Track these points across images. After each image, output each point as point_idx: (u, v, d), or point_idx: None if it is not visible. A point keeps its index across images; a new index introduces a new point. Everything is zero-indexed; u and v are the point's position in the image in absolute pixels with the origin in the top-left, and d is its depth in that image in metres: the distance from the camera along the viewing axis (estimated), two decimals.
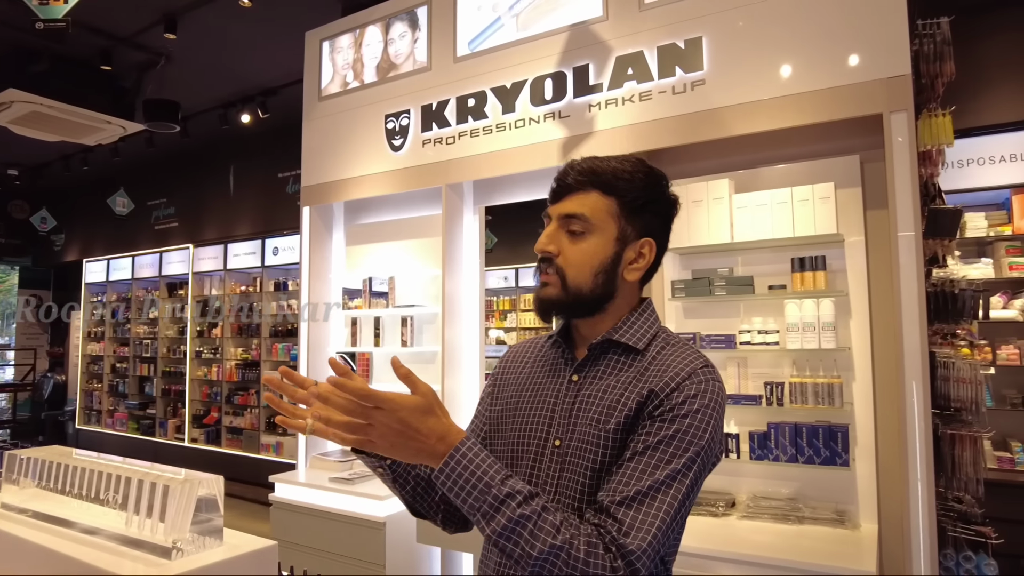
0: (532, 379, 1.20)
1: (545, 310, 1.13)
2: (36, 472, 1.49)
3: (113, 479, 1.28)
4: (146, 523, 1.19)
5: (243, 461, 7.22)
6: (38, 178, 9.09)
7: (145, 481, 1.21)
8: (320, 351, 4.10)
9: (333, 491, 3.40)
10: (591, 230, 1.10)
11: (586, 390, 1.12)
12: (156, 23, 4.96)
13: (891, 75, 2.42)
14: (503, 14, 3.32)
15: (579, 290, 1.10)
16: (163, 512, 1.17)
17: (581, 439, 1.07)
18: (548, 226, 1.14)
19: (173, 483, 1.18)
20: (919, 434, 2.32)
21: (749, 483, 2.75)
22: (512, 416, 1.18)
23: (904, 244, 2.37)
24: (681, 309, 2.97)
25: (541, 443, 1.12)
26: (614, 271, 1.11)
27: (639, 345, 1.12)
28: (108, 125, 5.76)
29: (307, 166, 4.14)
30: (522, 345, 1.31)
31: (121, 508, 1.24)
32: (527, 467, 1.12)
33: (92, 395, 9.61)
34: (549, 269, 1.11)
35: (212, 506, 1.24)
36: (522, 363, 1.26)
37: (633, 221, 1.12)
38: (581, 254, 1.10)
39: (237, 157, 7.69)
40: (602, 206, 1.10)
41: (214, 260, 8.01)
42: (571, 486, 1.06)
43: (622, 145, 2.93)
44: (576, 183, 1.11)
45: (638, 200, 1.11)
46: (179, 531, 1.16)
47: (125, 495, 1.24)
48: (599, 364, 1.14)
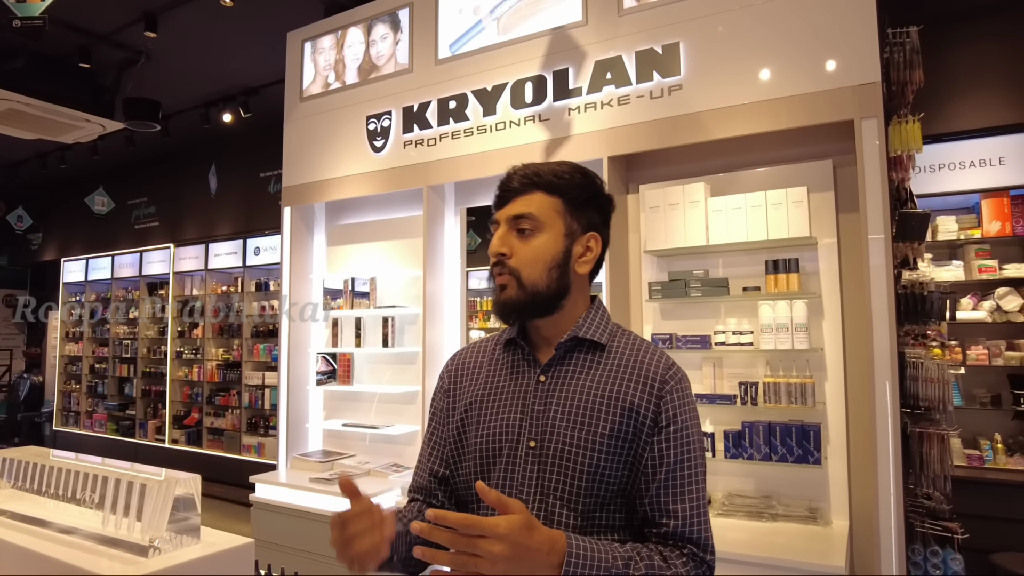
0: (492, 383, 1.21)
1: (506, 313, 1.16)
2: (12, 473, 1.49)
3: (90, 479, 1.29)
4: (123, 522, 1.20)
5: (224, 462, 7.17)
6: (14, 176, 8.95)
7: (122, 481, 1.22)
8: (301, 351, 4.10)
9: (313, 491, 3.40)
10: (540, 228, 1.15)
11: (559, 391, 1.14)
12: (136, 21, 4.92)
13: (862, 82, 2.48)
14: (484, 17, 3.35)
15: (536, 287, 1.13)
16: (140, 511, 1.18)
17: (565, 441, 1.10)
18: (497, 230, 1.18)
19: (150, 483, 1.19)
20: (889, 433, 2.38)
21: (724, 481, 2.80)
22: (476, 422, 1.19)
23: (874, 247, 2.43)
24: (658, 310, 3.01)
25: (514, 445, 1.14)
26: (566, 265, 1.16)
27: (604, 340, 1.17)
28: (87, 123, 5.70)
29: (288, 166, 4.13)
30: (467, 352, 1.31)
31: (98, 508, 1.25)
32: (501, 469, 1.14)
33: (70, 396, 9.49)
34: (503, 271, 1.15)
35: (189, 505, 1.25)
36: (474, 369, 1.26)
37: (578, 217, 1.17)
38: (533, 251, 1.14)
39: (219, 156, 7.64)
40: (548, 204, 1.15)
41: (195, 260, 7.95)
42: (562, 487, 1.09)
43: (601, 148, 2.97)
44: (521, 186, 1.17)
45: (580, 197, 1.17)
46: (156, 530, 1.18)
47: (102, 495, 1.25)
48: (566, 363, 1.17)
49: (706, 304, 2.89)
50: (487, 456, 1.16)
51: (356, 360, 4.00)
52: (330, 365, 4.00)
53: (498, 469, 1.14)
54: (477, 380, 1.24)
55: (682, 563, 1.05)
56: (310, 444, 4.12)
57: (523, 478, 1.12)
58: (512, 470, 1.13)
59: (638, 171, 3.12)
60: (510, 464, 1.14)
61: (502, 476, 1.14)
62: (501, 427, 1.16)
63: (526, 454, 1.12)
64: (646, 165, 3.10)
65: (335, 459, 3.79)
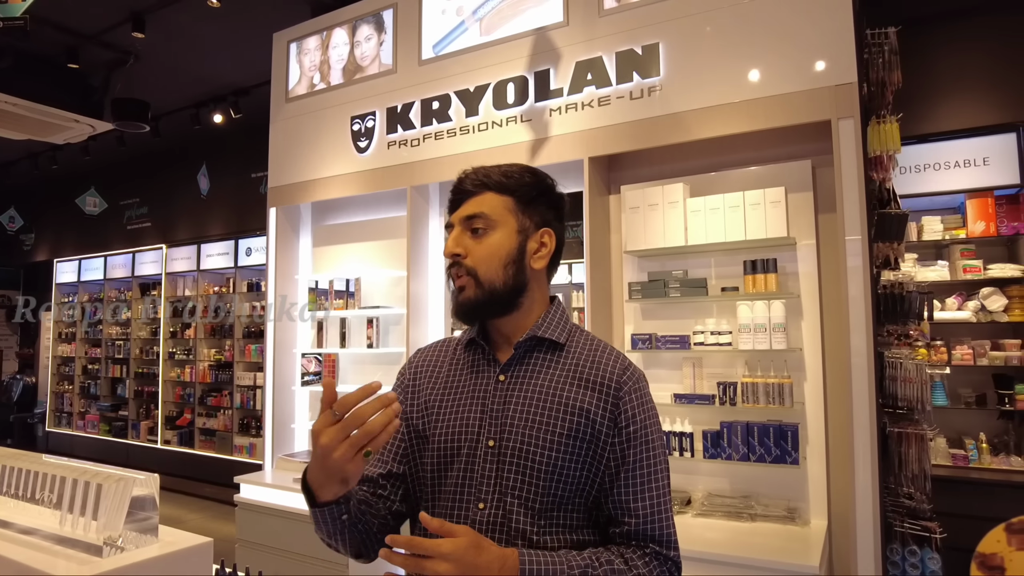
0: (452, 382, 1.22)
1: (466, 313, 1.17)
2: None
3: (48, 479, 1.29)
4: (79, 522, 1.20)
5: (216, 463, 7.17)
6: (5, 177, 8.95)
7: (80, 480, 1.22)
8: (286, 352, 4.11)
9: (297, 492, 3.40)
10: (493, 226, 1.16)
11: (518, 390, 1.15)
12: (124, 22, 4.92)
13: (839, 83, 2.49)
14: (467, 18, 3.36)
15: (493, 284, 1.14)
16: (96, 511, 1.18)
17: (523, 440, 1.10)
18: (452, 232, 1.20)
19: (107, 482, 1.19)
20: (867, 432, 2.39)
21: (704, 481, 2.81)
22: (436, 420, 1.19)
23: (851, 247, 2.44)
24: (639, 310, 3.02)
25: (473, 444, 1.14)
26: (521, 261, 1.17)
27: (562, 340, 1.18)
28: (76, 124, 5.69)
29: (274, 167, 4.14)
30: (428, 351, 1.31)
31: (56, 507, 1.26)
32: (460, 468, 1.14)
33: (63, 397, 9.48)
34: (460, 271, 1.16)
35: (149, 504, 1.25)
36: (434, 368, 1.26)
37: (530, 214, 1.18)
38: (487, 248, 1.15)
39: (210, 157, 7.64)
40: (499, 203, 1.17)
41: (187, 260, 7.96)
42: (520, 486, 1.09)
43: (581, 149, 2.98)
44: (473, 187, 1.18)
45: (530, 194, 1.19)
46: (112, 529, 1.18)
47: (60, 494, 1.25)
48: (526, 363, 1.17)
49: (685, 304, 2.90)
50: (446, 455, 1.16)
51: (341, 361, 4.01)
52: (317, 366, 4.00)
53: (456, 468, 1.14)
54: (438, 379, 1.24)
55: (644, 563, 1.06)
56: (296, 445, 4.12)
57: (481, 477, 1.12)
58: (471, 469, 1.13)
59: (619, 172, 3.13)
60: (469, 463, 1.14)
61: (461, 475, 1.14)
62: (461, 426, 1.16)
63: (485, 453, 1.13)
64: (627, 166, 3.11)
65: None
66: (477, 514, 1.11)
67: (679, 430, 2.78)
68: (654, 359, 2.97)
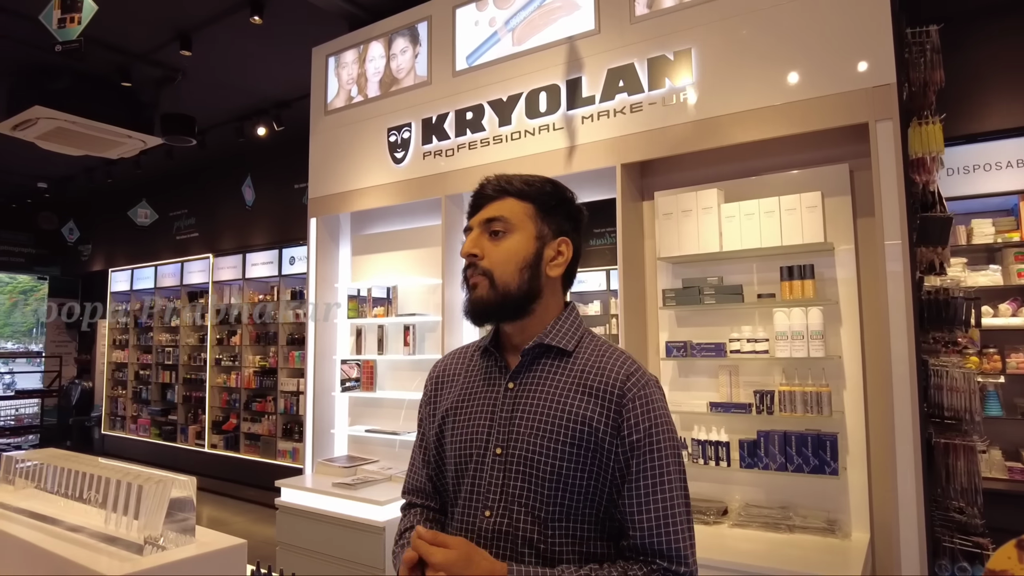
0: (467, 389, 1.23)
1: (477, 313, 1.17)
2: (30, 473, 1.58)
3: (95, 479, 1.35)
4: (122, 521, 1.26)
5: (260, 467, 7.35)
6: (64, 191, 9.38)
7: (123, 481, 1.28)
8: (327, 358, 4.20)
9: (336, 496, 3.47)
10: (511, 229, 1.17)
11: (525, 398, 1.15)
12: (171, 40, 5.12)
13: (876, 84, 2.43)
14: (499, 29, 3.39)
15: (507, 287, 1.15)
16: (137, 510, 1.24)
17: (529, 448, 1.11)
18: (470, 235, 1.21)
19: (147, 483, 1.25)
20: (910, 443, 2.32)
21: (740, 491, 2.76)
22: (451, 428, 1.21)
23: (891, 252, 2.38)
24: (674, 318, 2.99)
25: (482, 451, 1.15)
26: (537, 267, 1.17)
27: (569, 347, 1.17)
28: (128, 139, 5.94)
29: (314, 178, 4.24)
30: (447, 359, 1.33)
31: (101, 507, 1.32)
32: (471, 476, 1.16)
33: (117, 401, 9.85)
34: (476, 272, 1.16)
35: (187, 506, 1.30)
36: (454, 375, 1.28)
37: (548, 222, 1.19)
38: (505, 252, 1.16)
39: (254, 169, 7.87)
40: (519, 208, 1.18)
41: (233, 269, 8.19)
42: (525, 494, 1.10)
43: (613, 156, 2.98)
44: (494, 193, 1.19)
45: (550, 202, 1.20)
46: (152, 528, 1.23)
47: (105, 494, 1.31)
48: (533, 370, 1.18)
49: (720, 311, 2.86)
50: (460, 462, 1.18)
51: (379, 367, 4.07)
52: (357, 372, 4.08)
53: (468, 476, 1.16)
54: (454, 387, 1.26)
55: None
56: (336, 450, 4.20)
57: (489, 485, 1.13)
58: (480, 477, 1.14)
59: (652, 178, 3.11)
60: (479, 471, 1.15)
61: (471, 483, 1.15)
62: (472, 434, 1.17)
63: (493, 461, 1.14)
64: (660, 172, 3.09)
65: (359, 464, 3.86)
66: (484, 522, 1.12)
67: (715, 439, 2.74)
68: (689, 367, 2.94)
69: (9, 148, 7.14)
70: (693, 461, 2.78)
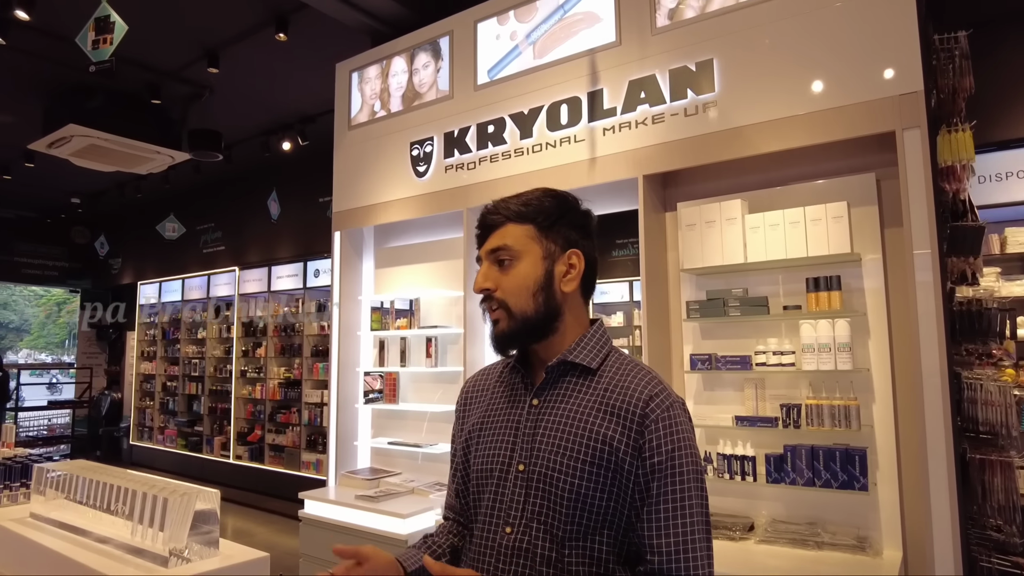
0: (494, 405, 1.24)
1: (501, 345, 1.18)
2: (60, 484, 1.60)
3: (122, 491, 1.37)
4: (148, 532, 1.27)
5: (284, 478, 7.40)
6: (96, 205, 9.61)
7: (148, 494, 1.29)
8: (350, 370, 4.22)
9: (358, 508, 3.48)
10: (517, 256, 1.16)
11: (547, 415, 1.15)
12: (200, 58, 5.24)
13: (903, 92, 2.39)
14: (520, 42, 3.41)
15: (525, 314, 1.15)
16: (163, 522, 1.25)
17: (549, 466, 1.10)
18: (481, 267, 1.21)
19: (172, 496, 1.26)
20: (943, 458, 2.26)
21: (767, 506, 2.71)
22: (477, 443, 1.22)
23: (920, 262, 2.33)
24: (698, 330, 2.96)
25: (504, 468, 1.15)
26: (551, 287, 1.17)
27: (593, 364, 1.16)
28: (157, 155, 6.08)
29: (338, 192, 4.29)
30: (480, 374, 1.35)
31: (128, 518, 1.33)
32: (492, 492, 1.15)
33: (145, 412, 10.01)
34: (492, 305, 1.17)
35: (211, 518, 1.32)
36: (482, 391, 1.29)
37: (553, 238, 1.18)
38: (515, 279, 1.15)
39: (279, 183, 7.99)
40: (520, 233, 1.17)
41: (258, 282, 8.30)
42: (544, 513, 1.09)
43: (635, 167, 2.97)
44: (494, 221, 1.19)
45: (550, 218, 1.18)
46: (177, 541, 1.25)
47: (132, 506, 1.33)
48: (558, 387, 1.17)
49: (746, 323, 2.82)
50: (482, 478, 1.18)
51: (401, 379, 4.08)
52: (380, 383, 4.09)
53: (490, 491, 1.16)
54: (481, 403, 1.27)
55: None
56: (359, 461, 4.22)
57: (511, 502, 1.12)
58: (502, 494, 1.14)
59: (675, 189, 3.09)
60: (500, 488, 1.14)
61: (493, 500, 1.15)
62: (495, 450, 1.17)
63: (515, 478, 1.13)
64: (683, 183, 3.07)
65: (381, 476, 3.86)
66: (504, 538, 1.11)
67: (740, 453, 2.69)
68: (715, 380, 2.90)
69: (45, 165, 7.36)
70: (718, 476, 2.74)
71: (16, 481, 1.86)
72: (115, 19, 3.27)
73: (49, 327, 22.93)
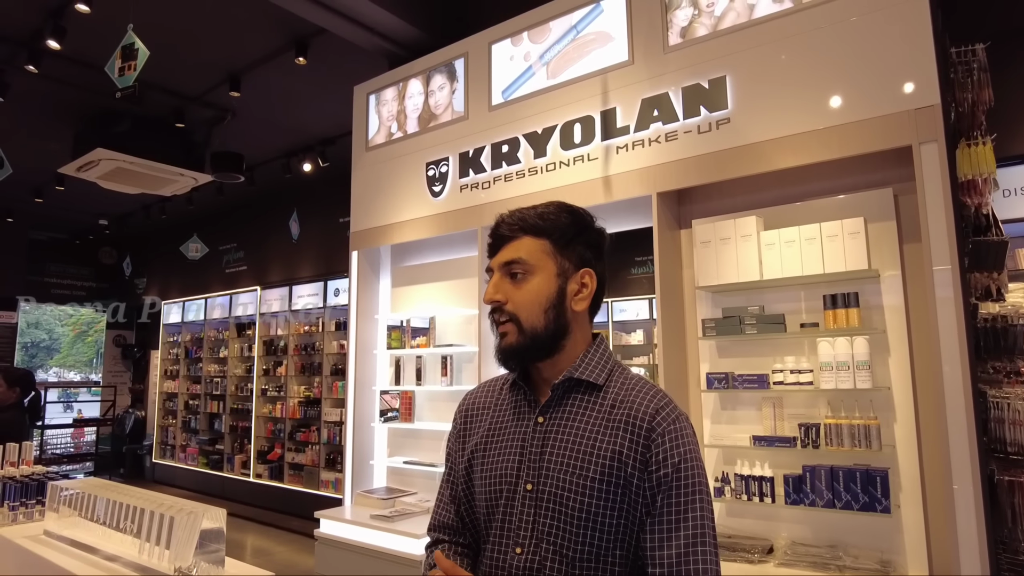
0: (497, 424, 1.21)
1: (508, 359, 1.16)
2: (73, 502, 1.62)
3: (130, 509, 1.38)
4: (155, 551, 1.28)
5: (303, 497, 7.41)
6: (123, 227, 9.82)
7: (156, 512, 1.30)
8: (366, 389, 4.23)
9: (374, 528, 3.47)
10: (531, 271, 1.14)
11: (555, 433, 1.13)
12: (222, 82, 5.37)
13: (919, 106, 2.37)
14: (534, 63, 3.44)
15: (535, 330, 1.13)
16: (169, 541, 1.26)
17: (558, 484, 1.08)
18: (492, 278, 1.18)
19: (179, 515, 1.26)
20: (969, 479, 2.19)
21: (786, 528, 2.65)
22: (481, 463, 1.19)
23: (940, 278, 2.28)
24: (715, 348, 2.92)
25: (512, 487, 1.13)
26: (562, 305, 1.15)
27: (599, 381, 1.15)
28: (181, 177, 6.21)
29: (355, 212, 4.34)
30: (477, 392, 1.31)
31: (136, 536, 1.34)
32: (502, 512, 1.13)
33: (167, 430, 10.11)
34: (502, 317, 1.15)
35: (217, 537, 1.32)
36: (482, 410, 1.26)
37: (568, 255, 1.16)
38: (527, 294, 1.14)
39: (300, 203, 8.10)
40: (536, 247, 1.15)
41: (280, 301, 8.39)
42: (555, 532, 1.07)
43: (649, 185, 2.96)
44: (510, 232, 1.17)
45: (567, 235, 1.16)
46: (183, 559, 1.25)
47: (139, 524, 1.34)
48: (564, 404, 1.15)
49: (763, 341, 2.78)
50: (491, 499, 1.15)
51: (417, 398, 4.08)
52: (396, 402, 4.10)
53: (500, 512, 1.13)
54: (483, 422, 1.24)
55: None
56: (375, 481, 4.21)
57: (520, 522, 1.10)
58: (511, 514, 1.12)
59: (689, 206, 3.08)
60: (509, 508, 1.12)
61: (502, 520, 1.13)
62: (502, 470, 1.15)
63: (523, 497, 1.11)
64: (697, 200, 3.06)
65: (397, 496, 3.85)
66: (515, 559, 1.09)
67: (758, 474, 2.64)
68: (732, 399, 2.86)
69: (74, 188, 7.55)
70: (736, 497, 2.68)
71: (32, 499, 1.89)
72: (139, 46, 3.37)
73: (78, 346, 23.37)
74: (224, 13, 4.53)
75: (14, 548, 1.56)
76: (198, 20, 4.63)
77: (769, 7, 2.73)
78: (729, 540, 2.63)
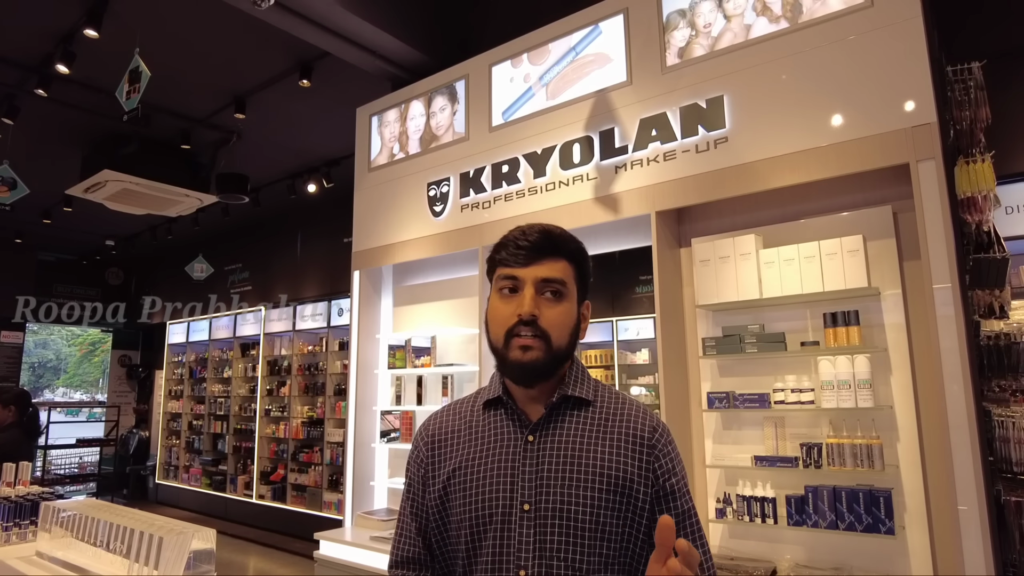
0: (478, 447, 1.18)
1: (528, 374, 1.13)
2: (66, 523, 1.61)
3: (120, 530, 1.37)
4: (143, 572, 1.27)
5: (305, 518, 7.36)
6: (130, 248, 9.90)
7: (145, 532, 1.29)
8: (367, 409, 4.22)
9: (373, 550, 3.43)
10: (565, 294, 1.15)
11: (549, 450, 1.12)
12: (227, 105, 5.44)
13: (916, 124, 2.37)
14: (533, 84, 3.47)
15: (560, 350, 1.14)
16: (157, 562, 1.25)
17: (562, 500, 1.08)
18: (524, 289, 1.13)
19: (168, 535, 1.26)
20: (974, 500, 2.16)
21: (789, 550, 2.61)
22: (463, 489, 1.15)
23: (941, 296, 2.27)
24: (715, 367, 2.91)
25: (507, 509, 1.10)
26: (577, 332, 1.18)
27: (589, 396, 1.18)
28: (186, 198, 6.27)
29: (358, 232, 4.36)
30: (442, 417, 1.27)
31: (125, 556, 1.33)
32: (495, 536, 1.10)
33: (171, 451, 10.09)
34: (532, 331, 1.11)
35: (207, 557, 1.31)
36: (453, 434, 1.22)
37: (581, 287, 1.20)
38: (560, 316, 1.14)
39: (304, 224, 8.16)
40: (571, 272, 1.17)
41: (284, 321, 8.41)
42: (564, 548, 1.06)
43: (648, 204, 2.97)
44: (551, 250, 1.15)
45: (585, 268, 1.20)
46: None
47: (128, 545, 1.33)
48: (554, 422, 1.15)
49: (763, 360, 2.76)
50: (479, 524, 1.12)
51: (417, 418, 4.07)
52: (397, 422, 4.08)
53: (490, 536, 1.11)
54: (459, 446, 1.19)
55: None
56: (376, 502, 4.18)
57: (519, 543, 1.09)
58: (507, 536, 1.10)
59: (689, 224, 3.08)
60: (504, 530, 1.10)
61: (496, 543, 1.10)
62: (491, 492, 1.12)
63: (521, 518, 1.09)
64: (697, 218, 3.06)
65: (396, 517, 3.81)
66: None
67: (760, 495, 2.61)
68: (733, 419, 2.84)
69: (82, 209, 7.63)
70: (738, 518, 2.65)
71: (26, 519, 1.88)
72: (143, 68, 3.42)
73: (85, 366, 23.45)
74: (230, 37, 4.61)
75: (6, 569, 1.55)
76: (204, 44, 4.71)
77: (766, 27, 2.75)
78: (732, 563, 2.59)
